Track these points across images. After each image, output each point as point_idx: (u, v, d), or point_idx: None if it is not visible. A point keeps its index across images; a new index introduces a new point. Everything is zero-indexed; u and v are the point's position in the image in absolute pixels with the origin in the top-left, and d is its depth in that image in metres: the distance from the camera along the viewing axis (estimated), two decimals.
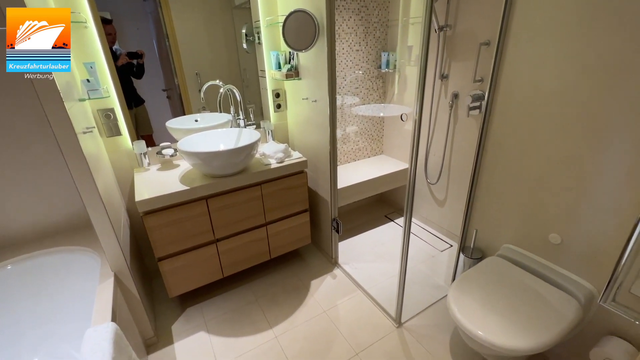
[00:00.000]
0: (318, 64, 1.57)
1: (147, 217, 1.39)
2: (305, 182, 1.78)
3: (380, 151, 2.59)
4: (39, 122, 1.35)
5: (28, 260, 1.37)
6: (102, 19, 1.44)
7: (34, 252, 1.38)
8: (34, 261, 1.37)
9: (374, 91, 2.35)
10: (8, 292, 1.31)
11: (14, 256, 1.35)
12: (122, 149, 1.63)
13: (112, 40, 1.51)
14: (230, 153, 1.46)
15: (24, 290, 1.35)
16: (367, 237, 2.28)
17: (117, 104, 1.54)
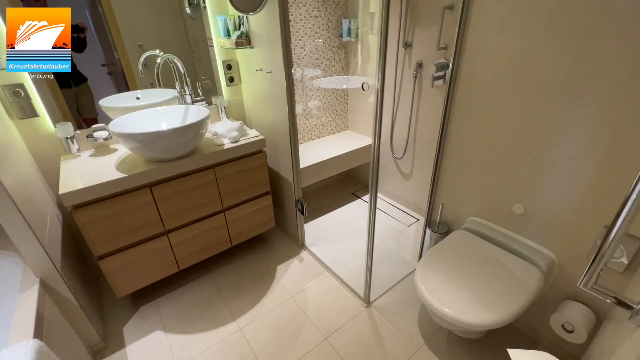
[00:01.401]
0: (271, 30, 1.39)
1: (77, 211, 1.19)
2: (264, 162, 1.64)
3: (345, 127, 2.49)
4: None
5: None
6: None
7: None
8: None
9: (336, 62, 2.20)
10: None
11: None
12: (43, 133, 1.38)
13: (41, 7, 1.24)
14: (173, 133, 1.27)
15: None
16: (335, 216, 2.22)
17: (27, 79, 1.28)
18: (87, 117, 1.51)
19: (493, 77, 1.19)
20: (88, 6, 1.38)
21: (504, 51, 1.13)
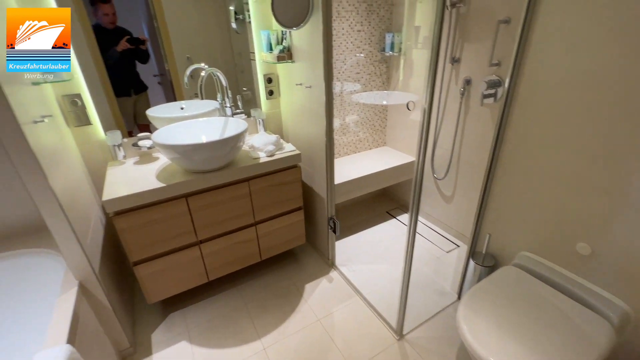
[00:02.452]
0: (313, 45, 1.37)
1: (117, 218, 1.23)
2: (298, 177, 1.61)
3: (382, 143, 2.41)
4: None
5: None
6: None
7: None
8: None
9: (377, 77, 2.14)
10: None
11: None
12: (94, 140, 1.46)
13: (110, 20, 1.38)
14: (212, 146, 1.28)
15: None
16: (367, 235, 2.12)
17: (84, 89, 1.36)
18: (142, 123, 1.59)
19: (559, 98, 1.06)
20: (146, 21, 1.47)
21: (574, 70, 1.00)
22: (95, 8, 1.33)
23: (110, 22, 1.39)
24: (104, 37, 1.38)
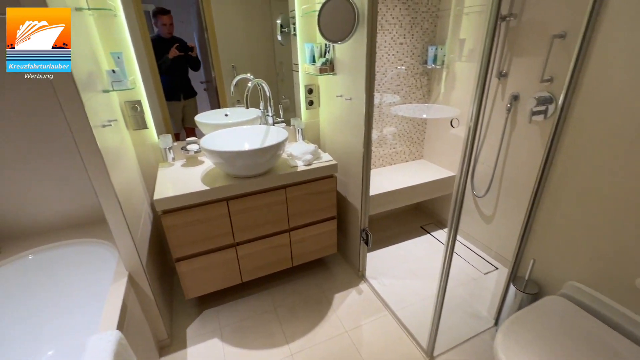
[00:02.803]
0: (355, 58, 1.40)
1: (165, 216, 1.32)
2: (334, 187, 1.63)
3: (420, 155, 2.36)
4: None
5: (49, 250, 1.37)
6: (159, 9, 1.45)
7: (55, 243, 1.38)
8: (55, 252, 1.37)
9: (417, 89, 2.12)
10: (29, 282, 1.32)
11: (37, 245, 1.36)
12: (148, 143, 1.59)
13: (168, 30, 1.51)
14: (254, 153, 1.34)
15: (44, 281, 1.35)
16: (400, 249, 2.08)
17: (144, 96, 1.49)
18: (188, 126, 1.71)
19: (620, 119, 0.98)
20: (197, 31, 1.58)
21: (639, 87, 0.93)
22: (156, 19, 1.47)
23: (167, 32, 1.52)
24: (161, 46, 1.51)
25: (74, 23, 1.04)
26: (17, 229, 1.43)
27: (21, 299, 1.30)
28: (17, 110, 1.28)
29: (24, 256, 1.32)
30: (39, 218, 1.45)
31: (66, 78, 0.92)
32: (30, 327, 1.31)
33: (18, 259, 1.31)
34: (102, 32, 1.32)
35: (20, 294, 1.30)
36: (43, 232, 1.46)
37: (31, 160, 1.36)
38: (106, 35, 1.33)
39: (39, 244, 1.38)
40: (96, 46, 1.28)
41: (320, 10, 1.40)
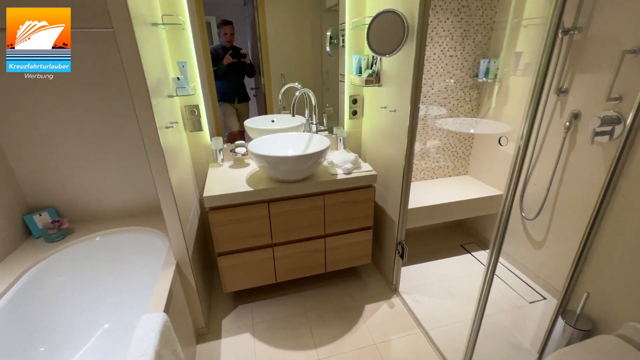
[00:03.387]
0: (402, 71, 1.41)
1: (212, 212, 1.42)
2: (372, 197, 1.63)
3: (464, 171, 2.27)
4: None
5: (113, 234, 1.54)
6: (223, 21, 1.59)
7: (119, 228, 1.55)
8: (118, 236, 1.54)
9: (466, 103, 2.05)
10: (94, 261, 1.49)
11: (102, 229, 1.54)
12: (202, 144, 1.72)
13: (229, 39, 1.65)
14: (296, 159, 1.40)
15: (106, 261, 1.52)
16: (436, 267, 2.01)
17: (201, 101, 1.63)
18: (239, 129, 1.83)
19: None
20: (250, 40, 1.69)
21: None
22: (220, 29, 1.61)
23: (228, 41, 1.65)
24: (221, 54, 1.65)
25: (148, 36, 1.18)
26: (87, 213, 1.63)
27: (87, 274, 1.48)
28: (96, 107, 1.46)
29: (92, 237, 1.50)
30: (105, 205, 1.64)
31: (141, 84, 1.05)
32: (91, 301, 1.48)
33: (87, 239, 1.49)
34: (172, 43, 1.48)
35: (86, 270, 1.48)
36: (107, 217, 1.65)
37: (103, 154, 1.55)
38: (174, 46, 1.49)
39: (103, 228, 1.56)
40: (165, 56, 1.43)
41: (370, 23, 1.44)
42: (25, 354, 1.20)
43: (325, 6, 1.76)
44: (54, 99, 1.40)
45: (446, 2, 1.77)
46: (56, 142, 1.47)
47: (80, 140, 1.50)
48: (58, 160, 1.50)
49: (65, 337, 1.35)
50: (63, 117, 1.43)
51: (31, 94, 1.37)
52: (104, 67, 1.39)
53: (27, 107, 1.38)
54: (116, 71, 1.41)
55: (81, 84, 1.40)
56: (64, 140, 1.48)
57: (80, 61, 1.34)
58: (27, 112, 1.39)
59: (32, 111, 1.39)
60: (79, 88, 1.40)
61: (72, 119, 1.45)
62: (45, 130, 1.44)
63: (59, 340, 1.33)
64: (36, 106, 1.39)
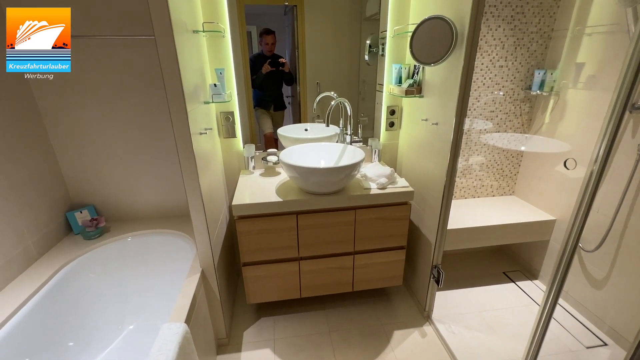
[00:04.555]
0: (448, 81, 1.30)
1: (239, 221, 1.39)
2: (407, 215, 1.52)
3: (510, 191, 2.08)
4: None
5: (144, 236, 1.56)
6: (265, 30, 1.61)
7: (150, 230, 1.57)
8: (148, 238, 1.56)
9: (515, 117, 1.88)
10: (125, 260, 1.52)
11: (134, 230, 1.57)
12: (234, 151, 1.72)
13: (269, 49, 1.66)
14: (328, 171, 1.34)
15: (136, 261, 1.54)
16: (475, 294, 1.83)
17: (237, 108, 1.63)
18: (273, 136, 1.82)
19: None
20: (289, 49, 1.68)
21: None
22: (261, 38, 1.62)
23: (268, 50, 1.65)
24: (260, 62, 1.66)
25: (188, 43, 1.19)
26: (122, 213, 1.67)
27: (117, 273, 1.50)
28: (139, 109, 1.49)
29: (125, 237, 1.53)
30: (139, 206, 1.67)
31: (178, 90, 1.05)
32: (119, 300, 1.50)
33: (120, 239, 1.53)
34: (211, 50, 1.49)
35: (117, 269, 1.51)
36: (141, 218, 1.68)
37: (142, 155, 1.58)
38: (213, 52, 1.50)
39: (136, 228, 1.59)
40: (204, 62, 1.45)
41: (415, 31, 1.35)
42: (56, 347, 1.23)
43: (365, 15, 1.71)
44: (100, 100, 1.45)
45: (498, 8, 1.64)
46: (100, 142, 1.52)
47: (122, 141, 1.54)
48: (101, 160, 1.56)
49: (92, 335, 1.37)
50: (108, 118, 1.49)
51: (80, 97, 1.43)
52: (149, 70, 1.42)
53: (75, 109, 1.45)
54: (160, 74, 1.44)
55: (127, 87, 1.45)
56: (107, 140, 1.53)
57: (127, 65, 1.39)
58: (76, 114, 1.45)
59: (80, 113, 1.46)
60: (125, 91, 1.45)
61: (115, 119, 1.49)
62: (91, 131, 1.50)
63: (87, 337, 1.35)
64: (84, 108, 1.45)
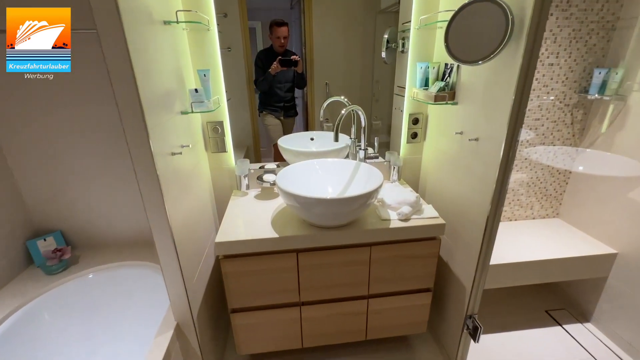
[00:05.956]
0: (496, 84, 0.99)
1: (225, 261, 1.11)
2: (436, 252, 1.21)
3: (554, 213, 1.75)
4: None
5: (113, 270, 1.33)
6: (276, 21, 1.39)
7: (117, 263, 1.34)
8: (119, 272, 1.34)
9: (565, 126, 1.55)
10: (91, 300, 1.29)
11: (110, 260, 1.32)
12: (225, 167, 1.44)
13: (280, 44, 1.41)
14: (336, 203, 1.04)
15: (101, 303, 1.29)
16: (513, 340, 1.51)
17: (227, 118, 1.35)
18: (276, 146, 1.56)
19: None
20: (296, 46, 1.46)
21: None
22: (271, 31, 1.37)
23: (280, 46, 1.41)
24: (271, 60, 1.42)
25: (156, 38, 0.91)
26: (96, 239, 1.43)
27: (80, 318, 1.25)
28: (106, 125, 1.26)
29: (85, 275, 1.27)
30: (115, 230, 1.43)
31: (132, 100, 0.77)
32: (85, 349, 1.24)
33: (79, 277, 1.27)
34: (194, 47, 1.21)
35: (80, 312, 1.25)
36: (117, 244, 1.44)
37: (114, 175, 1.34)
38: (196, 50, 1.22)
39: (109, 257, 1.35)
40: (185, 63, 1.17)
41: (452, 19, 1.04)
42: None
43: (380, 7, 1.44)
44: (67, 108, 1.23)
45: None
46: (64, 161, 1.31)
47: (90, 160, 1.32)
48: (69, 178, 1.34)
49: None
50: (76, 129, 1.26)
51: (41, 103, 1.20)
52: None
53: (36, 118, 1.22)
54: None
55: (97, 92, 1.21)
56: (72, 159, 1.32)
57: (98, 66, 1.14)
58: (37, 124, 1.23)
59: (42, 122, 1.23)
60: (96, 96, 1.21)
61: (81, 136, 1.28)
62: (53, 149, 1.28)
63: None
64: (47, 116, 1.23)
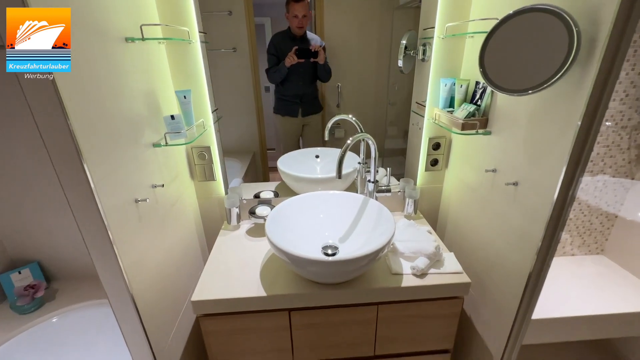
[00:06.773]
0: (547, 116, 0.76)
1: (204, 319, 0.94)
2: (457, 311, 1.00)
3: (598, 249, 1.49)
4: None
5: (77, 311, 1.21)
6: None
7: (86, 302, 1.21)
8: (84, 313, 1.20)
9: (619, 152, 1.29)
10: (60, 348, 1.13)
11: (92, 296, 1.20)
12: (214, 197, 1.27)
13: (299, 24, 1.19)
14: (334, 265, 0.84)
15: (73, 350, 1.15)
16: None
17: (214, 142, 1.16)
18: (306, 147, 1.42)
19: None
20: None
21: None
22: (288, 8, 1.18)
23: (298, 26, 1.20)
24: (288, 46, 1.21)
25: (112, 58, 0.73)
26: (76, 270, 1.32)
27: None
28: None
29: (49, 318, 1.14)
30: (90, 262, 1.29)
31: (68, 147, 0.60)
32: None
33: (43, 322, 1.14)
34: (175, 64, 1.03)
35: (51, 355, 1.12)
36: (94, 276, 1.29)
37: None
38: (177, 67, 1.04)
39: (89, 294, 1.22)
40: (162, 84, 0.99)
41: (490, 35, 0.80)
42: None
43: (399, 2, 1.23)
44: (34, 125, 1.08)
45: None
46: (42, 181, 1.17)
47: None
48: (44, 205, 1.21)
49: None
50: (43, 161, 1.12)
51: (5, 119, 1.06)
52: None
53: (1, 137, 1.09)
54: None
55: None
56: (47, 186, 1.18)
57: None
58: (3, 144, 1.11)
59: (9, 142, 1.11)
60: None
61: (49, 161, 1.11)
62: (24, 175, 1.15)
63: None
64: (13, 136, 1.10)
